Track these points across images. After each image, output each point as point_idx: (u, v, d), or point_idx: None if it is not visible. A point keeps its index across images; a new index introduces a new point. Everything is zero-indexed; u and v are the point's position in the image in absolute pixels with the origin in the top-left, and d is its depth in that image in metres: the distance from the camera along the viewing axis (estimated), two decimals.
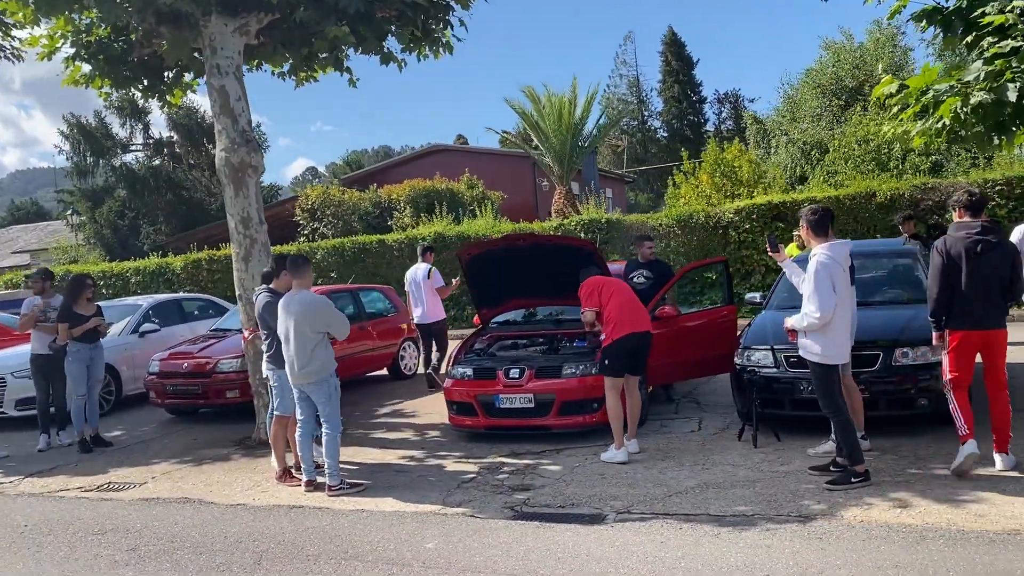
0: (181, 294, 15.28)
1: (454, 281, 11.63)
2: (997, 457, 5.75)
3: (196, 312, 13.64)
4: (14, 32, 12.02)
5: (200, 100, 68.59)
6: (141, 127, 35.35)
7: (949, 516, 4.81)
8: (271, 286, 7.26)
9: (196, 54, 9.29)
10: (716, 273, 15.34)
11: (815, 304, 5.70)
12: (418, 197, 24.89)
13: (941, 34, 6.62)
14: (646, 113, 57.57)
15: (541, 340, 8.38)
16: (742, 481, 5.94)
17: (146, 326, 12.03)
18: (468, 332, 16.83)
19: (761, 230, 16.10)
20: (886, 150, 23.08)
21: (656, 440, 7.41)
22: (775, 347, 7.16)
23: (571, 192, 26.29)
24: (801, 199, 16.10)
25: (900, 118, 6.87)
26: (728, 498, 5.58)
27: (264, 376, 7.65)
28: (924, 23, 6.62)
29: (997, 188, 14.38)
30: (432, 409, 9.81)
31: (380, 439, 8.44)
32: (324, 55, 10.04)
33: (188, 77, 10.42)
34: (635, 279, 8.86)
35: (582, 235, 17.02)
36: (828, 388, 5.81)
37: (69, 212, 32.82)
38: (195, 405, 10.25)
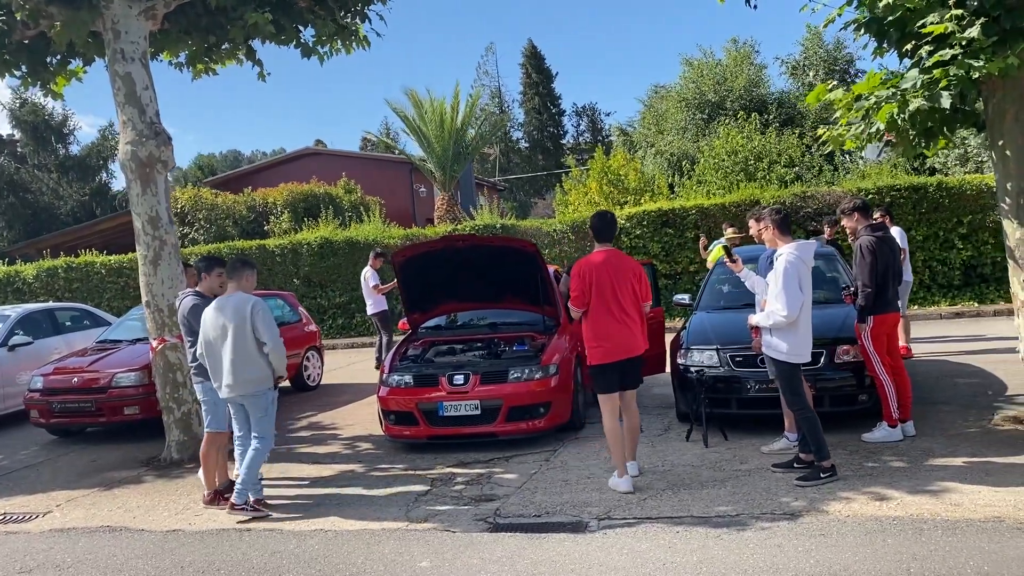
0: (52, 303, 13.88)
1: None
2: (909, 426, 6.63)
3: (69, 323, 12.45)
4: None
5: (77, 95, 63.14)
6: None
7: (930, 507, 4.96)
8: (197, 288, 6.65)
9: (90, 38, 8.48)
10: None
11: (783, 303, 5.78)
12: (296, 201, 23.98)
13: (874, 42, 6.92)
14: (508, 124, 58.15)
15: (479, 345, 8.13)
16: (709, 481, 5.94)
17: (16, 338, 10.84)
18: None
19: (651, 235, 16.54)
20: (752, 162, 24.33)
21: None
22: (720, 347, 7.25)
23: (454, 198, 26.10)
24: (688, 206, 16.64)
25: (840, 123, 7.13)
26: (704, 499, 5.55)
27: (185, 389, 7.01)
28: (860, 31, 6.91)
29: (869, 196, 15.36)
30: (352, 420, 9.36)
31: (308, 453, 7.93)
32: (227, 46, 9.43)
33: (73, 64, 9.51)
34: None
35: None
36: (794, 386, 5.91)
37: None
38: (87, 424, 9.29)
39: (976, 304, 14.66)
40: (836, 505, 5.15)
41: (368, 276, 13.00)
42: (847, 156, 26.23)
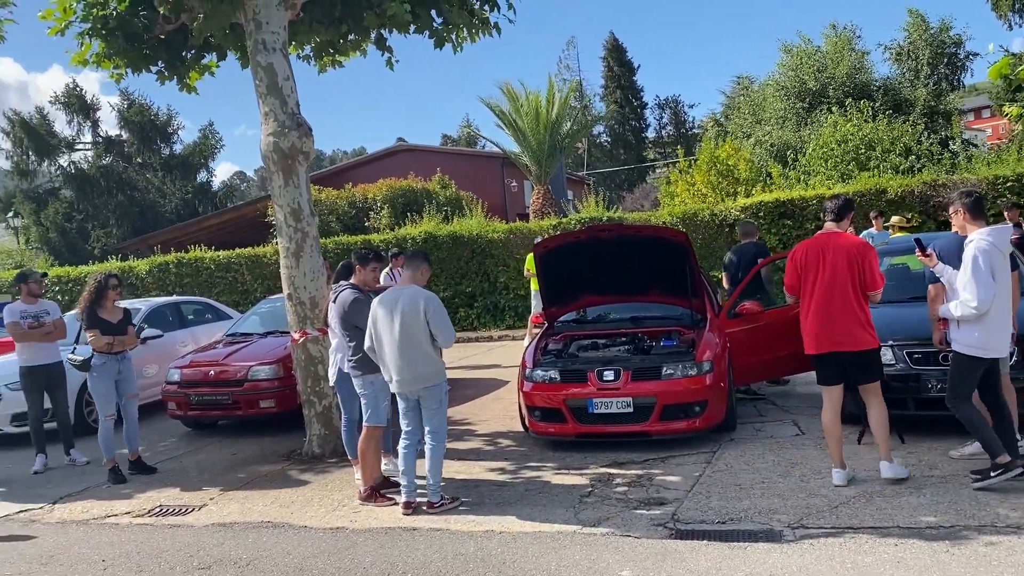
0: (177, 297, 14.17)
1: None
2: None
3: (192, 316, 12.65)
4: None
5: (156, 95, 65.84)
6: (89, 124, 33.38)
7: None
8: (352, 282, 6.50)
9: (226, 31, 8.47)
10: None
11: (972, 293, 5.30)
12: (395, 196, 24.05)
13: None
14: (603, 116, 57.44)
15: (623, 339, 7.79)
16: (902, 488, 5.47)
17: (148, 331, 11.01)
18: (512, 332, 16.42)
19: (769, 227, 15.88)
20: (863, 151, 23.28)
21: (763, 445, 6.92)
22: (895, 343, 6.73)
23: (549, 192, 25.78)
24: (809, 196, 15.92)
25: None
26: (904, 507, 5.10)
27: (332, 383, 6.88)
28: None
29: (1008, 184, 14.40)
30: (485, 415, 9.15)
31: (451, 450, 7.67)
32: (353, 37, 9.32)
33: (206, 58, 9.57)
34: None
35: None
36: (964, 382, 5.43)
37: (10, 215, 30.72)
38: (223, 416, 9.33)
39: None
40: None
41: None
42: (965, 142, 24.93)
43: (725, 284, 10.02)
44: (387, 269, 12.47)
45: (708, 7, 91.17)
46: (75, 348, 7.73)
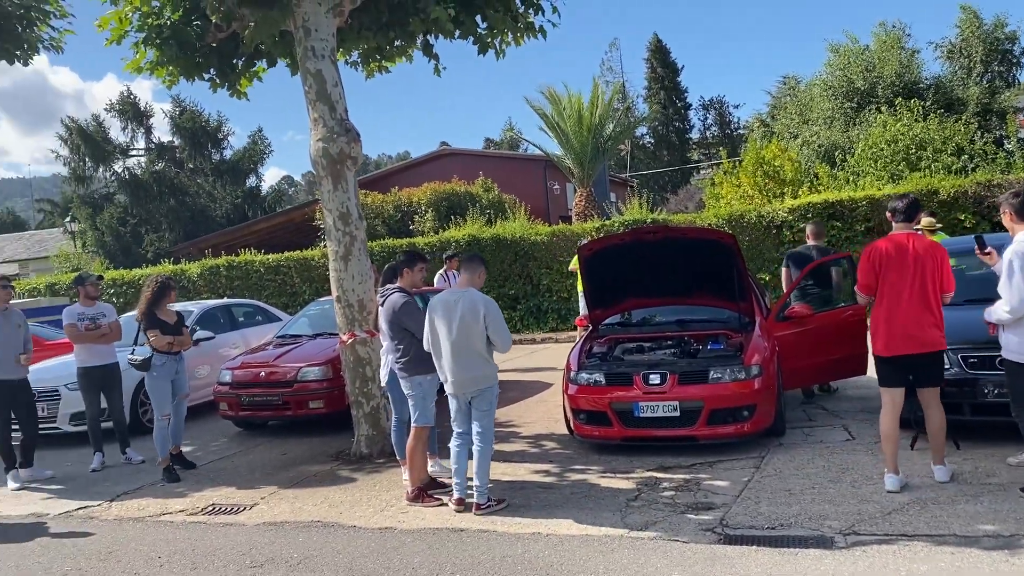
0: (228, 299, 14.46)
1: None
2: None
3: (243, 318, 12.88)
4: (54, 22, 11.39)
5: (206, 102, 67.48)
6: (143, 131, 34.22)
7: None
8: (399, 284, 6.57)
9: (276, 38, 8.63)
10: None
11: (1006, 296, 5.20)
12: (439, 200, 24.24)
13: None
14: (648, 118, 57.13)
15: (669, 343, 7.74)
16: (958, 495, 5.36)
17: (200, 333, 11.24)
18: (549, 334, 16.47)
19: None
20: (914, 151, 22.79)
21: (813, 450, 6.83)
22: (950, 348, 6.56)
23: (592, 194, 25.73)
24: (858, 197, 15.66)
25: None
26: (961, 515, 4.99)
27: (383, 384, 6.97)
28: None
29: None
30: (529, 417, 9.18)
31: (496, 451, 7.73)
32: (400, 42, 9.42)
33: (256, 65, 9.75)
34: None
35: None
36: (1016, 389, 5.29)
37: (68, 219, 31.65)
38: (273, 417, 9.49)
39: None
40: None
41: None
42: (1021, 141, 24.23)
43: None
44: (441, 271, 12.70)
45: (753, 7, 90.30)
46: (134, 349, 7.94)
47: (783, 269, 9.43)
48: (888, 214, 5.93)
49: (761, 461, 6.61)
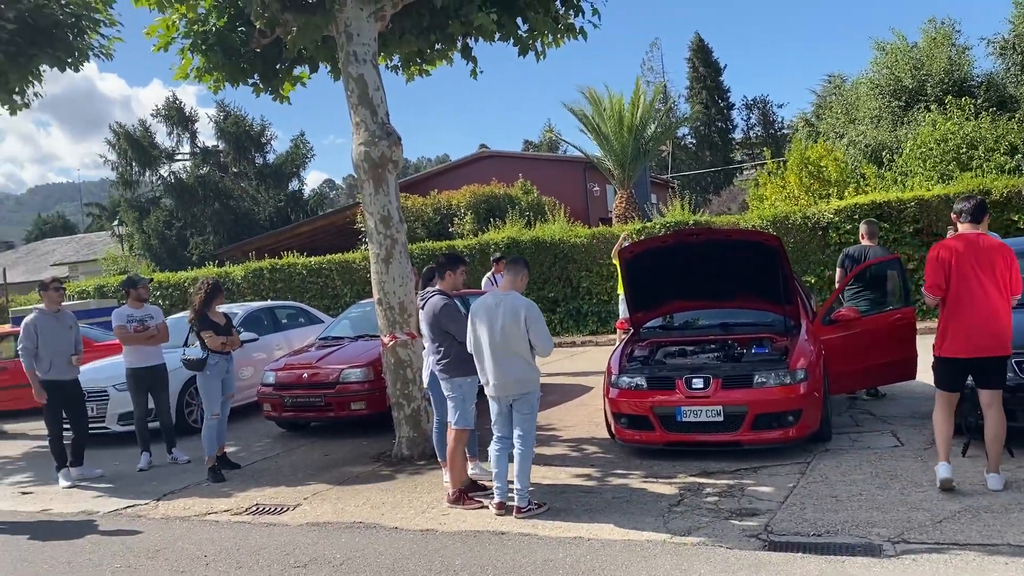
0: (272, 302, 14.66)
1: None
2: None
3: (286, 320, 13.04)
4: (103, 30, 11.66)
5: (250, 106, 68.68)
6: (188, 136, 34.92)
7: None
8: (439, 287, 6.59)
9: (318, 43, 8.72)
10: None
11: None
12: (478, 203, 24.28)
13: None
14: (673, 119, 56.75)
15: (712, 346, 7.66)
16: (1012, 504, 5.20)
17: (244, 335, 11.39)
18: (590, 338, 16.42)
19: None
20: (965, 150, 22.27)
21: (860, 456, 6.68)
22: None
23: (633, 196, 25.56)
24: (907, 198, 15.33)
25: None
26: (1013, 524, 4.85)
27: (424, 386, 6.99)
28: None
29: None
30: (570, 421, 9.14)
31: (538, 456, 7.72)
32: (440, 46, 9.45)
33: (298, 70, 9.87)
34: None
35: None
36: None
37: (115, 223, 32.40)
38: (315, 418, 9.59)
39: None
40: None
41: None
42: None
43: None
44: (488, 273, 12.67)
45: (796, 6, 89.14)
46: (185, 350, 8.07)
47: (838, 270, 9.24)
48: (953, 215, 5.80)
49: (807, 467, 6.50)
